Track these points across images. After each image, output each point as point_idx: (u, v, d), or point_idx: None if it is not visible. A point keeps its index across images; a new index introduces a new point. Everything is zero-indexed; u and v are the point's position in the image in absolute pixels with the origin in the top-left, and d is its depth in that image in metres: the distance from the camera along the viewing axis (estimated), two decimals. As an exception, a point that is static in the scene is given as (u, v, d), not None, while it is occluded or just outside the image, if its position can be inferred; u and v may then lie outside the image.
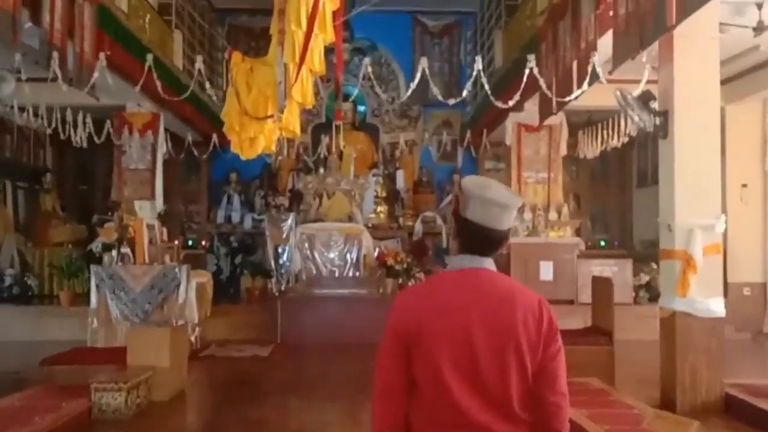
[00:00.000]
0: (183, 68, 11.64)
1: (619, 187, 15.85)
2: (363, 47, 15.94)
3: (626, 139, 9.70)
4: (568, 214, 11.55)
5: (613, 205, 15.72)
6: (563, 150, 11.57)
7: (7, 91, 7.91)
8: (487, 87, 7.20)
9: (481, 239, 2.02)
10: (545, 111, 8.38)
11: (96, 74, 6.78)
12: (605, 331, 6.88)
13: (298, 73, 5.88)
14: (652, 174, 14.63)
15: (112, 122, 11.25)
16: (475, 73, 7.16)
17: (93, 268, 8.79)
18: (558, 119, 11.51)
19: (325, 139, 14.56)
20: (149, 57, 7.97)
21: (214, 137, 11.73)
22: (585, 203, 15.46)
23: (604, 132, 10.62)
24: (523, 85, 7.05)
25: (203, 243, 14.83)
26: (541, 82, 6.74)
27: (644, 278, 11.26)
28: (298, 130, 6.49)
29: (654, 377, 7.47)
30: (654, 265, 11.66)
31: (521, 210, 11.46)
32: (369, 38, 15.89)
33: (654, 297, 11.31)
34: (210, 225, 14.99)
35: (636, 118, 6.00)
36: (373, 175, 14.84)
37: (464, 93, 8.21)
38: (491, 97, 7.08)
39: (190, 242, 14.85)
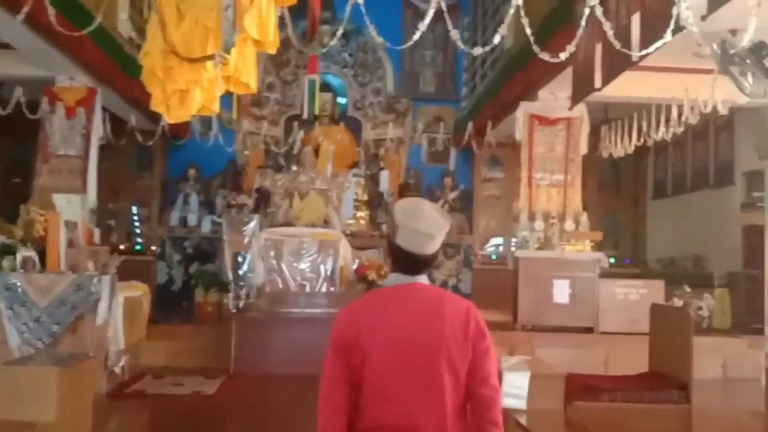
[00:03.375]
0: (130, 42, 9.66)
1: (632, 198, 14.03)
2: (346, 30, 13.99)
3: (681, 129, 7.84)
4: (587, 224, 9.63)
5: (624, 218, 13.88)
6: (583, 148, 9.67)
7: None
8: (528, 29, 5.20)
9: (411, 262, 2.21)
10: (582, 89, 6.48)
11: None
12: (677, 382, 4.93)
13: (254, -4, 3.91)
14: (673, 184, 12.84)
15: (39, 96, 9.19)
16: (509, 15, 5.14)
17: (-16, 275, 6.69)
18: (578, 111, 9.64)
19: (299, 133, 12.58)
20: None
21: (163, 121, 9.68)
22: (592, 215, 13.57)
23: (643, 123, 8.72)
24: (579, 32, 5.05)
25: (153, 248, 12.76)
26: (606, 27, 4.78)
27: (677, 303, 9.36)
28: (253, 84, 4.44)
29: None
30: (687, 288, 9.83)
31: (532, 218, 9.55)
32: (353, 20, 13.92)
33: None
34: (162, 228, 12.90)
35: (747, 82, 4.07)
36: (354, 176, 12.86)
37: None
38: (534, 47, 5.09)
39: (137, 247, 12.79)
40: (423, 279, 2.23)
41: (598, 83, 5.97)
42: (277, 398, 7.22)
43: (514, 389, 4.64)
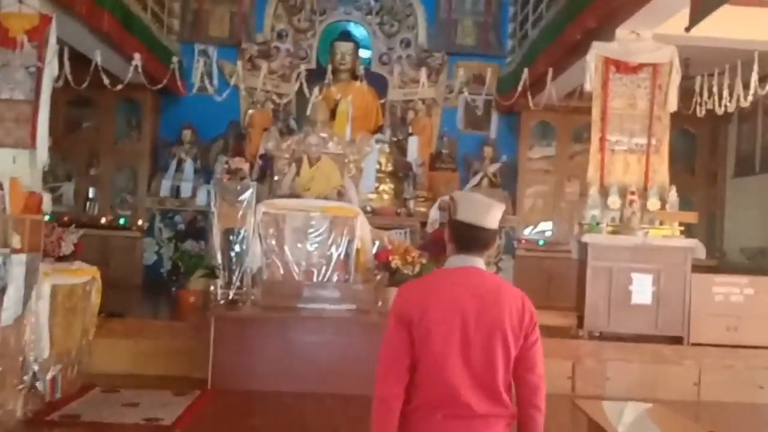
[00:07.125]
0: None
1: (707, 175, 11.77)
2: (371, -33, 11.92)
3: None
4: (677, 202, 7.49)
5: (697, 199, 11.61)
6: (673, 103, 7.49)
7: None
8: None
9: (472, 238, 2.29)
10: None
11: None
12: None
13: None
14: (762, 158, 10.57)
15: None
16: None
17: None
18: (666, 55, 7.48)
19: (314, 90, 10.45)
20: None
21: (137, 59, 7.65)
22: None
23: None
24: None
25: (140, 223, 10.81)
26: None
27: (791, 308, 7.22)
28: None
29: None
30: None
31: (605, 193, 7.42)
32: (381, -46, 11.87)
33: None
34: (150, 198, 10.94)
35: None
36: (377, 141, 10.77)
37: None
38: None
39: (121, 221, 10.85)
40: (481, 264, 2.31)
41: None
42: (266, 428, 5.24)
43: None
